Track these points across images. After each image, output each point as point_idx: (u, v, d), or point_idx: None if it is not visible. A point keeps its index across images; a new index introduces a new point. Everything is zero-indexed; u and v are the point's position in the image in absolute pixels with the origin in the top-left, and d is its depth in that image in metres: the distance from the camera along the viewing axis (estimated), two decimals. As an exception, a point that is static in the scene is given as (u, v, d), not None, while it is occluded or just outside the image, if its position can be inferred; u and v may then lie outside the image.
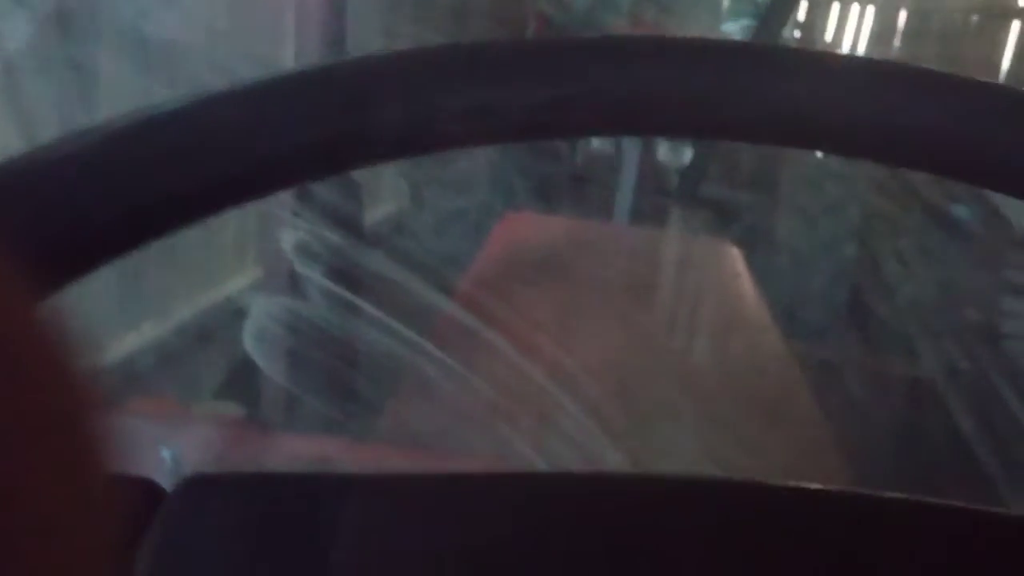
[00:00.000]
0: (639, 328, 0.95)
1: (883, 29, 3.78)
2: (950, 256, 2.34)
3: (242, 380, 1.11)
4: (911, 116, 0.24)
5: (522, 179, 2.13)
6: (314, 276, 0.85)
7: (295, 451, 0.66)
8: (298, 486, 0.27)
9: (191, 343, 1.62)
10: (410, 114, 0.22)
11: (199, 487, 0.25)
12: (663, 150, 2.85)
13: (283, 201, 0.88)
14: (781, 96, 0.23)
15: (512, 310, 0.86)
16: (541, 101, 0.22)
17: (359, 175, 1.07)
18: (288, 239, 0.88)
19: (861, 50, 3.72)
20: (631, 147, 2.57)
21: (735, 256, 1.37)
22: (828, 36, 3.93)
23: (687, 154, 2.65)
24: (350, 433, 0.74)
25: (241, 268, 1.81)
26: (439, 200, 2.07)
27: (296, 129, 0.21)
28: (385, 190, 2.27)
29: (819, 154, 3.13)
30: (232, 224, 1.72)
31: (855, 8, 3.86)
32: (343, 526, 0.25)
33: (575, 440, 0.68)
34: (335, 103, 0.21)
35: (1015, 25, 3.29)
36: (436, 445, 0.69)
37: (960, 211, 2.59)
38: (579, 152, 2.89)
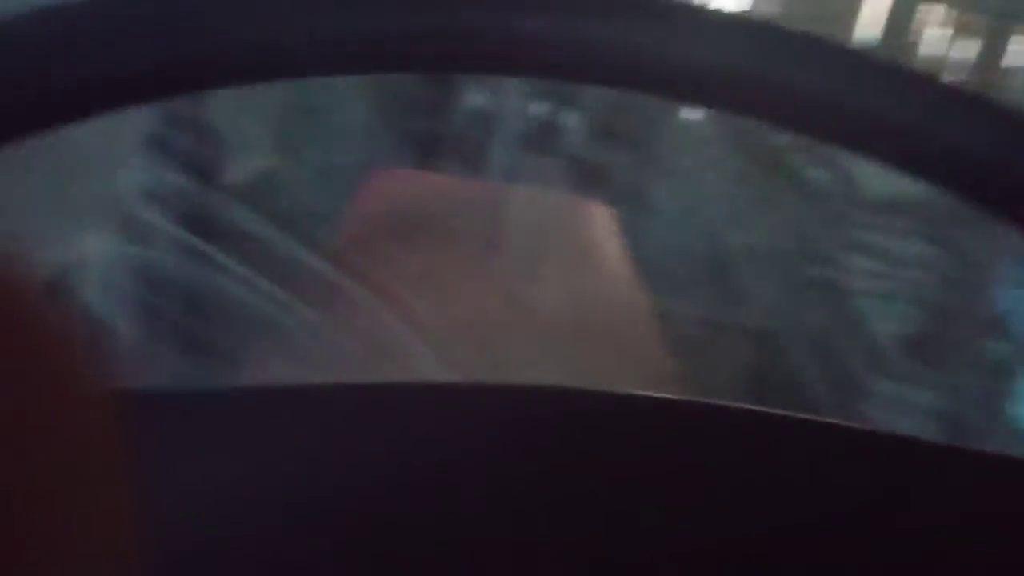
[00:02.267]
0: (503, 284, 0.99)
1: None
2: (806, 217, 2.48)
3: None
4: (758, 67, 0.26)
5: (397, 136, 2.14)
6: (154, 219, 0.83)
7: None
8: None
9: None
10: (253, 40, 0.22)
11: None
12: (545, 109, 2.88)
13: (130, 146, 0.86)
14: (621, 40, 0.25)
15: (379, 266, 0.88)
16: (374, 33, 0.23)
17: (219, 125, 1.06)
18: (125, 180, 0.85)
19: None
20: (509, 105, 2.60)
21: (605, 215, 1.43)
22: None
23: (570, 114, 2.70)
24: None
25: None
26: (312, 156, 2.06)
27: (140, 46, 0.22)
28: (257, 145, 2.23)
29: (690, 116, 3.24)
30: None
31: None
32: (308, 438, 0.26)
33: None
34: (179, 24, 0.22)
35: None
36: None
37: (818, 174, 2.74)
38: (458, 109, 2.89)
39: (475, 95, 2.69)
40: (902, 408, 1.86)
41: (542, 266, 1.12)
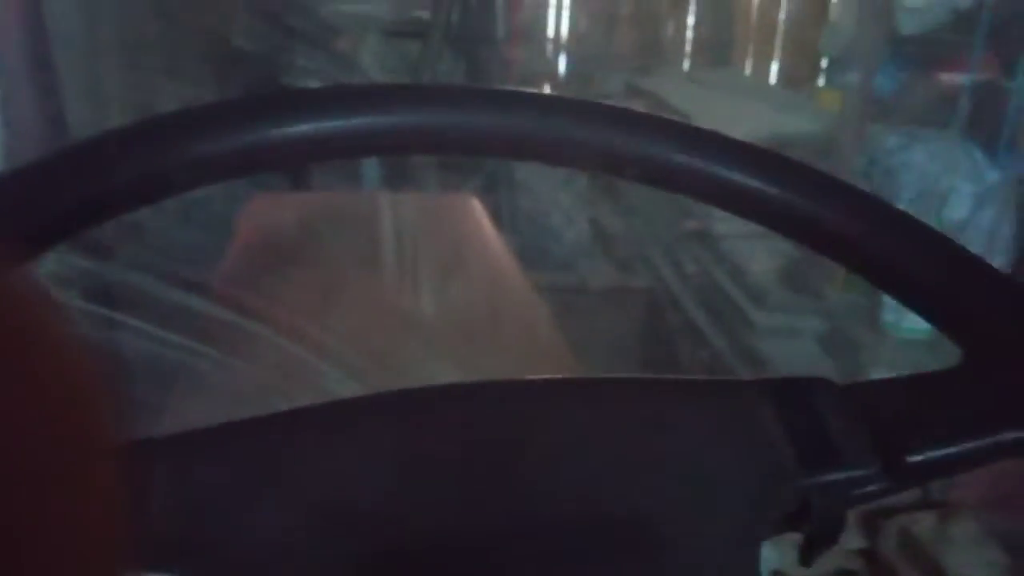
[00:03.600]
0: (391, 291, 1.02)
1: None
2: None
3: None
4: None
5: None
6: (72, 301, 0.84)
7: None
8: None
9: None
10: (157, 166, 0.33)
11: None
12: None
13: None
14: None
15: (272, 296, 0.90)
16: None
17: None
18: (40, 270, 0.85)
19: None
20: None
21: (475, 207, 1.47)
22: None
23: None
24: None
25: None
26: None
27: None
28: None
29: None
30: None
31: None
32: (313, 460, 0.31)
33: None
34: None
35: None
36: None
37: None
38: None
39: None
40: (786, 334, 1.98)
41: (421, 266, 1.15)
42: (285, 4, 2.43)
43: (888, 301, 1.99)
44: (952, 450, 0.32)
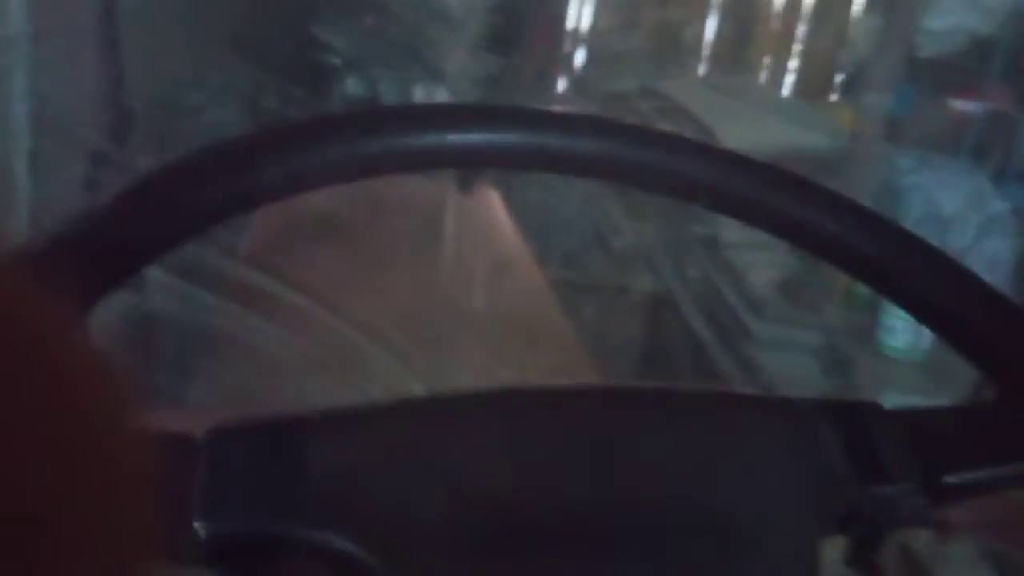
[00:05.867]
0: (422, 273, 1.04)
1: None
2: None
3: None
4: None
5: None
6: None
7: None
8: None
9: None
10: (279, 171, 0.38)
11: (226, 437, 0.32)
12: (419, 93, 2.90)
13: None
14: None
15: (301, 266, 0.92)
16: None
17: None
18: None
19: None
20: (388, 90, 2.63)
21: (495, 198, 1.50)
22: None
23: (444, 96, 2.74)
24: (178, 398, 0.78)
25: None
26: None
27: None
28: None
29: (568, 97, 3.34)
30: None
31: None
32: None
33: (381, 379, 0.77)
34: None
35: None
36: (248, 400, 0.75)
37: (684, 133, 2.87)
38: (335, 96, 2.88)
39: (352, 82, 2.69)
40: (784, 347, 2.01)
41: (448, 251, 1.17)
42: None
43: (885, 321, 2.03)
44: (985, 474, 0.36)
